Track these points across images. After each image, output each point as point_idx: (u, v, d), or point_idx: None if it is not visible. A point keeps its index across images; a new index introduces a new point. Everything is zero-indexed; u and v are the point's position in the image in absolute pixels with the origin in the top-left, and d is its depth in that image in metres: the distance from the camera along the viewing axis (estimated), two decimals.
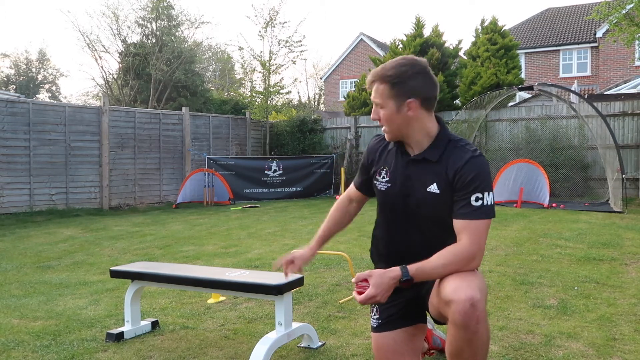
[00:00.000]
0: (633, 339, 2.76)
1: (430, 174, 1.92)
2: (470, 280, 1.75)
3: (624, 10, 10.35)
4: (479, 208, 1.82)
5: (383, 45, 27.70)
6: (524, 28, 23.93)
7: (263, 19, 14.23)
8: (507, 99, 12.27)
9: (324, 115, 18.84)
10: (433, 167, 1.91)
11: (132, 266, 3.13)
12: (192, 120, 12.59)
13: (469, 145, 1.92)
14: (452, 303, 1.71)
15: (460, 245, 1.82)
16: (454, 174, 1.87)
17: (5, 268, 5.18)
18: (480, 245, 1.81)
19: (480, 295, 1.71)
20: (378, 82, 1.92)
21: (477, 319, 1.68)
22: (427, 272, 1.80)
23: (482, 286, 1.78)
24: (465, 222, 1.83)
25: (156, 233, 7.28)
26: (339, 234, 2.42)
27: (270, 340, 2.51)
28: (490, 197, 1.85)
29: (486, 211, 1.83)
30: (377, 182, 2.07)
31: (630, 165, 10.26)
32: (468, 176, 1.84)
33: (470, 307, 1.68)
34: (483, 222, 1.82)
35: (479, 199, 1.83)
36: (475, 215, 1.82)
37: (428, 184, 1.92)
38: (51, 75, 41.12)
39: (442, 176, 1.89)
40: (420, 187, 1.94)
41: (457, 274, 1.78)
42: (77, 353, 2.76)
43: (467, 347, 1.72)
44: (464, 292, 1.70)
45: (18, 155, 9.54)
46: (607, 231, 6.27)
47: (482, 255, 1.84)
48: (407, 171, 1.97)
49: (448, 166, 1.89)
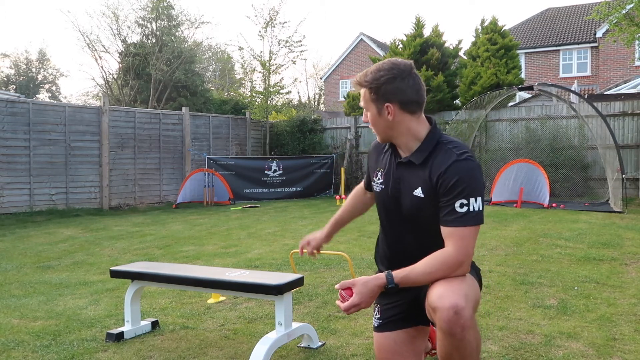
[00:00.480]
0: (633, 339, 2.76)
1: (415, 178, 1.90)
2: (457, 286, 1.73)
3: (624, 10, 10.35)
4: (464, 215, 1.76)
5: (383, 45, 27.70)
6: (524, 28, 23.93)
7: (263, 19, 14.26)
8: (507, 99, 12.28)
9: (324, 115, 18.84)
10: (418, 171, 1.89)
11: (132, 266, 3.13)
12: (192, 120, 12.59)
13: (457, 147, 1.86)
14: (437, 310, 1.70)
15: (446, 253, 1.78)
16: (437, 178, 1.82)
17: (5, 268, 5.18)
18: (466, 253, 1.77)
19: (466, 303, 1.68)
20: (360, 87, 1.94)
21: (461, 326, 1.66)
22: (412, 279, 1.78)
23: (470, 292, 1.75)
24: (450, 229, 1.78)
25: (156, 233, 7.28)
26: (338, 234, 2.42)
27: (270, 340, 2.51)
28: (477, 203, 1.77)
29: (472, 218, 1.77)
30: (374, 184, 2.08)
31: (630, 165, 10.26)
32: (450, 181, 1.78)
33: (454, 315, 1.66)
34: (469, 229, 1.77)
35: (464, 205, 1.76)
36: (459, 222, 1.77)
37: (414, 187, 1.90)
38: (51, 75, 41.14)
39: (426, 180, 1.86)
40: (407, 190, 1.92)
41: (445, 280, 1.75)
42: (77, 353, 2.76)
43: (456, 352, 1.72)
44: (448, 299, 1.68)
45: (18, 155, 9.54)
46: (607, 231, 6.27)
47: (469, 262, 1.80)
48: (397, 173, 1.97)
49: (432, 170, 1.85)
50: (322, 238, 2.36)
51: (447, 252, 1.78)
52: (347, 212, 2.36)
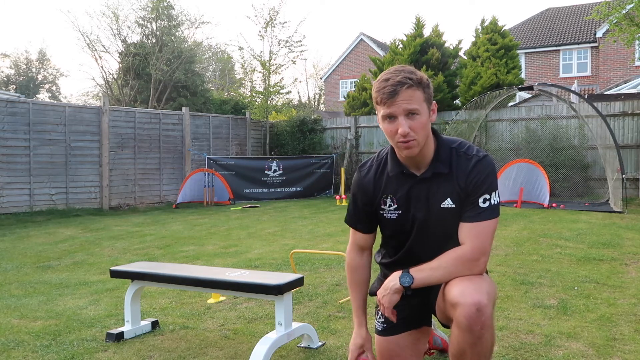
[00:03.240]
0: (633, 339, 2.76)
1: (442, 190, 1.84)
2: (479, 284, 1.72)
3: (624, 10, 10.34)
4: (486, 209, 1.78)
5: (383, 45, 27.71)
6: (524, 28, 23.93)
7: (263, 19, 14.26)
8: (507, 99, 12.28)
9: (324, 115, 18.84)
10: (444, 182, 1.84)
11: (132, 266, 3.13)
12: (192, 120, 12.60)
13: (470, 148, 1.86)
14: (458, 306, 1.68)
15: (461, 250, 1.77)
16: (465, 182, 1.82)
17: (5, 268, 5.18)
18: (482, 249, 1.77)
19: (488, 301, 1.67)
20: (414, 87, 1.75)
21: (482, 324, 1.65)
22: (424, 276, 1.78)
23: (491, 291, 1.74)
24: (469, 225, 1.79)
25: (156, 233, 7.28)
26: (339, 234, 2.42)
27: (270, 340, 2.51)
28: (496, 196, 1.81)
29: (493, 211, 1.79)
30: (384, 212, 1.95)
31: (630, 165, 10.26)
32: (478, 181, 1.80)
33: (475, 311, 1.65)
34: (488, 223, 1.78)
35: (487, 200, 1.79)
36: (481, 217, 1.78)
37: (442, 199, 1.84)
38: (51, 75, 41.15)
39: (454, 188, 1.83)
40: (433, 205, 1.86)
41: (466, 277, 1.74)
42: (77, 353, 2.76)
43: (470, 350, 1.70)
44: (471, 296, 1.67)
45: (18, 155, 9.54)
46: (607, 231, 6.27)
47: (486, 260, 1.78)
48: (418, 191, 1.88)
49: (458, 176, 1.82)
50: (369, 338, 2.06)
51: (463, 248, 1.78)
52: (362, 290, 2.10)
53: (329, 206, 10.47)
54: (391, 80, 1.74)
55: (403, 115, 1.75)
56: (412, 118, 1.75)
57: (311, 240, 6.16)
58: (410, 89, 1.73)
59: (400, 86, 1.72)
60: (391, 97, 1.73)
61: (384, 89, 1.75)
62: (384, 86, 1.76)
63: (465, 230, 1.79)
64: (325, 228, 7.17)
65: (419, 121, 1.76)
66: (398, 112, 1.74)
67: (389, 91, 1.74)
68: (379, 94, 1.77)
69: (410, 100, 1.73)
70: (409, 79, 1.73)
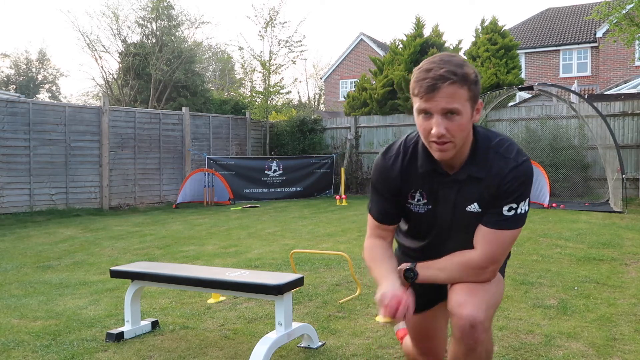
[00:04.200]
0: (633, 339, 2.76)
1: (471, 193, 1.68)
2: (480, 296, 1.64)
3: (624, 10, 10.35)
4: (508, 218, 1.64)
5: (383, 45, 27.70)
6: (524, 28, 23.94)
7: (263, 19, 14.26)
8: (507, 99, 12.27)
9: (324, 115, 18.83)
10: (476, 184, 1.67)
11: (132, 266, 3.13)
12: (192, 120, 12.59)
13: (510, 149, 1.66)
14: (453, 316, 1.65)
15: (468, 255, 1.68)
16: (496, 187, 1.64)
17: (5, 268, 5.18)
18: (492, 258, 1.65)
19: (485, 316, 1.61)
20: (458, 84, 1.51)
21: (475, 339, 1.61)
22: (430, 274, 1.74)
23: (492, 302, 1.68)
24: (487, 230, 1.66)
25: (156, 233, 7.28)
26: (339, 234, 2.41)
27: (270, 340, 2.51)
28: (525, 205, 1.65)
29: (515, 221, 1.65)
30: (412, 205, 1.78)
31: (630, 165, 10.26)
32: (509, 188, 1.63)
33: (469, 327, 1.60)
34: (507, 233, 1.65)
35: (512, 209, 1.63)
36: (500, 225, 1.64)
37: (468, 203, 1.69)
38: (51, 75, 41.13)
39: (482, 193, 1.67)
40: (459, 206, 1.72)
41: (470, 285, 1.67)
42: (77, 353, 2.76)
43: (464, 359, 1.69)
44: (467, 309, 1.61)
45: (18, 155, 9.53)
46: (607, 231, 6.27)
47: (495, 268, 1.69)
48: (446, 191, 1.71)
49: (491, 181, 1.65)
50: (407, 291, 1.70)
51: (472, 254, 1.68)
52: (391, 263, 1.80)
53: (329, 206, 10.47)
54: (432, 73, 1.51)
55: (440, 114, 1.53)
56: (450, 118, 1.53)
57: (311, 240, 6.17)
58: (453, 85, 1.50)
59: (442, 81, 1.50)
60: (429, 92, 1.51)
61: (423, 80, 1.52)
62: (423, 77, 1.53)
63: (480, 234, 1.67)
64: (325, 228, 7.17)
65: (458, 122, 1.54)
66: (435, 110, 1.53)
67: (428, 84, 1.51)
68: (417, 85, 1.54)
69: (452, 98, 1.51)
70: (453, 73, 1.50)
